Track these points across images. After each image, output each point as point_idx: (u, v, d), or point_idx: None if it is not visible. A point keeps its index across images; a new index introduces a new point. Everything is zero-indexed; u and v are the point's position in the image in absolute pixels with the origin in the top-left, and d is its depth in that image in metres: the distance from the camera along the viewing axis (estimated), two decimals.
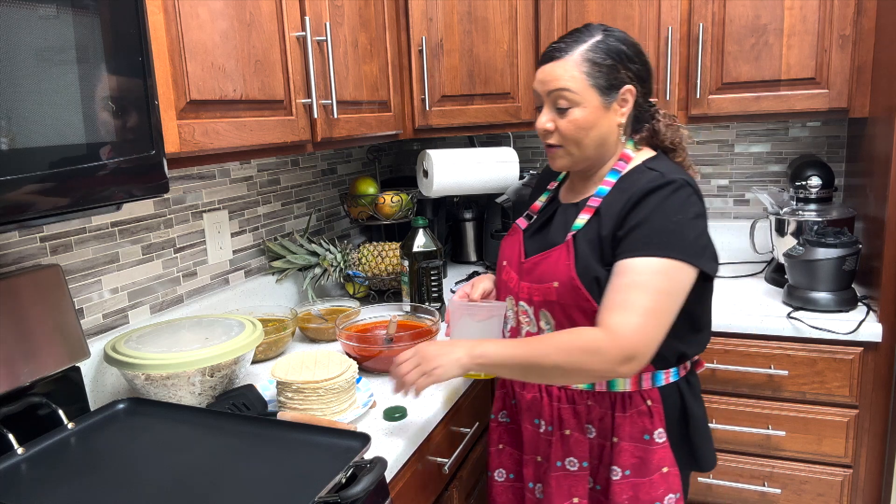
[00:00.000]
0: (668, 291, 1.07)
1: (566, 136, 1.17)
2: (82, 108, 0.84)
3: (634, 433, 1.18)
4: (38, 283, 1.14)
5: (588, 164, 1.22)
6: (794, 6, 1.71)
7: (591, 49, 1.14)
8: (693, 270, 1.09)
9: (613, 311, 1.06)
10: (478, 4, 1.92)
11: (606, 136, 1.18)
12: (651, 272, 1.06)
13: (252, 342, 1.31)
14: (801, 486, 1.71)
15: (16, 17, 0.75)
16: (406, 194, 2.10)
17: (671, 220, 1.08)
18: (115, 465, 0.99)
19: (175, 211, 1.58)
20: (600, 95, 1.14)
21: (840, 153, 2.13)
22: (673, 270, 1.07)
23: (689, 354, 1.21)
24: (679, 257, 1.07)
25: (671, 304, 1.07)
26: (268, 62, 1.30)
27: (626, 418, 1.18)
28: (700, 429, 1.23)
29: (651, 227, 1.08)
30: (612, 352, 1.04)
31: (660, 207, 1.09)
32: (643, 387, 1.18)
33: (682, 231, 1.08)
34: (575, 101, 1.14)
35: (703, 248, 1.10)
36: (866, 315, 1.64)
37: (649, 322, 1.05)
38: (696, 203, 1.11)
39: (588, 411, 1.21)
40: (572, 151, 1.19)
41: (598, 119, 1.16)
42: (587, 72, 1.13)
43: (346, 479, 0.95)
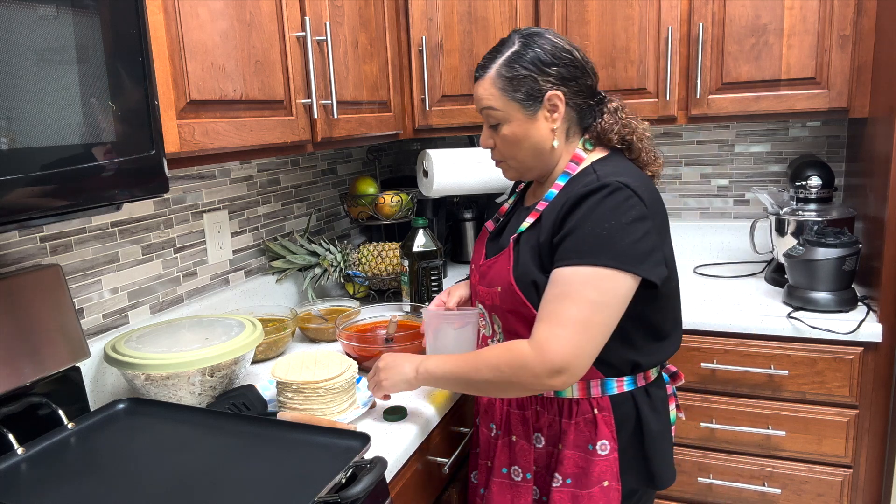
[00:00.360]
0: (599, 302, 1.02)
1: (502, 151, 1.18)
2: (82, 109, 0.84)
3: (579, 441, 1.15)
4: (38, 283, 1.14)
5: (535, 172, 1.21)
6: (795, 6, 1.71)
7: (504, 63, 1.13)
8: (629, 278, 1.03)
9: (542, 322, 1.04)
10: (478, 4, 1.92)
11: (540, 145, 1.15)
12: (580, 282, 1.02)
13: (252, 342, 1.31)
14: (801, 486, 1.71)
15: (16, 17, 0.75)
16: (406, 194, 2.10)
17: (602, 226, 1.03)
18: (115, 465, 0.99)
19: (175, 211, 1.58)
20: (522, 108, 1.13)
21: (840, 153, 2.13)
22: (603, 280, 1.02)
23: (644, 364, 1.15)
24: (610, 265, 1.02)
25: (604, 315, 1.03)
26: (268, 62, 1.30)
27: (571, 425, 1.15)
28: (656, 444, 1.17)
29: (582, 234, 1.04)
30: (538, 366, 1.02)
31: (592, 213, 1.04)
32: (592, 394, 1.15)
33: (614, 237, 1.03)
34: (499, 117, 1.15)
35: (643, 254, 1.04)
36: (866, 315, 1.64)
37: (578, 335, 1.01)
38: (635, 206, 1.05)
39: (536, 417, 1.20)
40: (512, 165, 1.20)
41: (526, 131, 1.14)
42: (502, 87, 1.13)
43: (346, 480, 0.95)
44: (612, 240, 1.02)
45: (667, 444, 1.20)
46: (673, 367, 1.30)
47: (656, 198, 1.11)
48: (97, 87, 0.86)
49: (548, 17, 1.92)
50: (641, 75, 1.85)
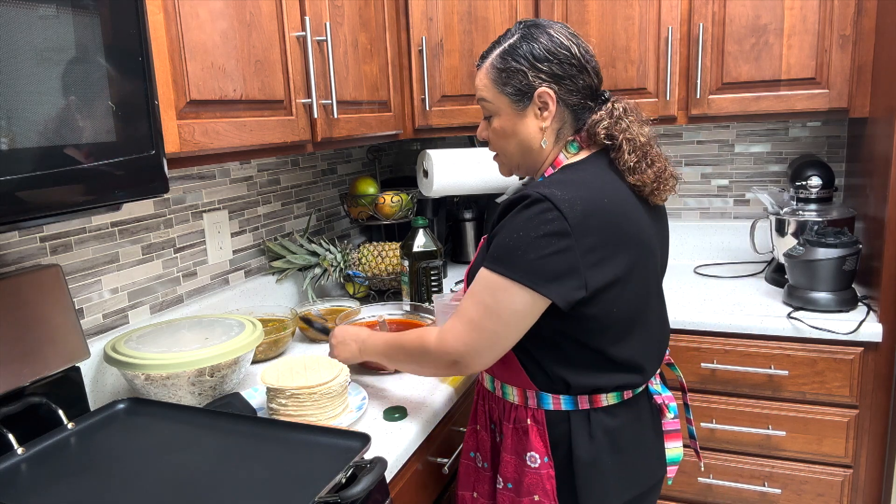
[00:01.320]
0: (491, 308, 1.02)
1: (492, 144, 1.18)
2: (82, 109, 0.84)
3: (516, 448, 1.14)
4: (38, 283, 1.14)
5: (523, 170, 1.19)
6: (795, 6, 1.71)
7: (499, 55, 1.11)
8: (525, 293, 0.99)
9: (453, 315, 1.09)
10: (478, 4, 1.92)
11: (528, 142, 1.12)
12: (482, 284, 1.04)
13: (252, 342, 1.31)
14: (801, 486, 1.71)
15: (16, 17, 0.75)
16: (406, 194, 2.10)
17: (511, 236, 1.01)
18: (115, 465, 0.99)
19: (175, 211, 1.58)
20: (511, 103, 1.11)
21: (840, 153, 2.13)
22: (498, 289, 1.01)
23: (573, 385, 1.08)
24: (507, 275, 1.00)
25: (493, 323, 1.02)
26: (268, 62, 1.30)
27: (509, 429, 1.15)
28: (585, 473, 1.08)
29: (496, 240, 1.04)
30: (436, 355, 1.09)
31: (510, 222, 1.03)
32: (528, 404, 1.12)
33: (518, 249, 0.99)
34: (491, 109, 1.14)
35: (548, 272, 0.98)
36: (866, 315, 1.64)
37: (470, 332, 1.05)
38: (552, 221, 0.98)
39: (491, 411, 1.22)
40: (502, 160, 1.19)
41: (514, 126, 1.12)
42: (494, 79, 1.11)
43: (346, 480, 0.95)
44: (514, 252, 1.00)
45: (602, 477, 1.09)
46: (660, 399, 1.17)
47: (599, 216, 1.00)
48: (97, 87, 0.86)
49: (547, 17, 1.92)
50: (641, 75, 1.85)
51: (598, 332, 1.06)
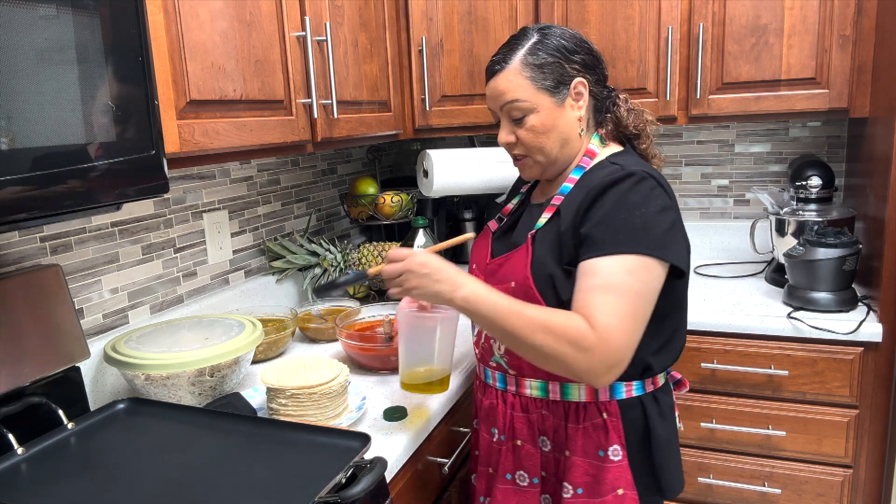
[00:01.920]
0: (643, 292, 1.00)
1: (528, 145, 1.14)
2: (82, 108, 0.84)
3: (588, 448, 1.11)
4: (38, 284, 1.14)
5: (558, 166, 1.18)
6: (795, 6, 1.71)
7: (529, 52, 1.11)
8: (663, 267, 1.02)
9: (595, 310, 0.98)
10: (478, 4, 1.92)
11: (568, 133, 1.14)
12: (623, 272, 0.99)
13: (252, 342, 1.31)
14: (801, 486, 1.71)
15: (16, 17, 0.75)
16: (406, 194, 2.09)
17: (634, 213, 1.02)
18: (114, 465, 0.99)
19: (175, 211, 1.58)
20: (551, 96, 1.11)
21: (840, 153, 2.13)
22: (643, 268, 1.00)
23: (654, 367, 1.12)
24: (648, 252, 1.00)
25: (646, 307, 1.01)
26: (268, 62, 1.30)
27: (578, 430, 1.12)
28: (664, 451, 1.13)
29: (614, 222, 1.02)
30: (599, 355, 0.96)
31: (621, 201, 1.03)
32: (600, 398, 1.12)
33: (648, 224, 1.01)
34: (527, 108, 1.12)
35: (673, 242, 1.03)
36: (866, 315, 1.64)
37: (630, 327, 0.98)
38: (661, 195, 1.04)
39: (542, 421, 1.16)
40: (538, 159, 1.16)
41: (555, 120, 1.12)
42: (531, 76, 1.11)
43: (345, 480, 0.95)
44: (646, 228, 1.01)
45: (675, 452, 1.17)
46: (678, 374, 1.27)
47: (672, 190, 1.10)
48: (97, 87, 0.86)
49: (548, 17, 1.92)
50: (641, 75, 1.85)
51: (678, 304, 1.12)
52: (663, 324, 1.11)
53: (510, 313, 1.00)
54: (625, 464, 1.10)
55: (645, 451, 1.13)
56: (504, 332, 1.01)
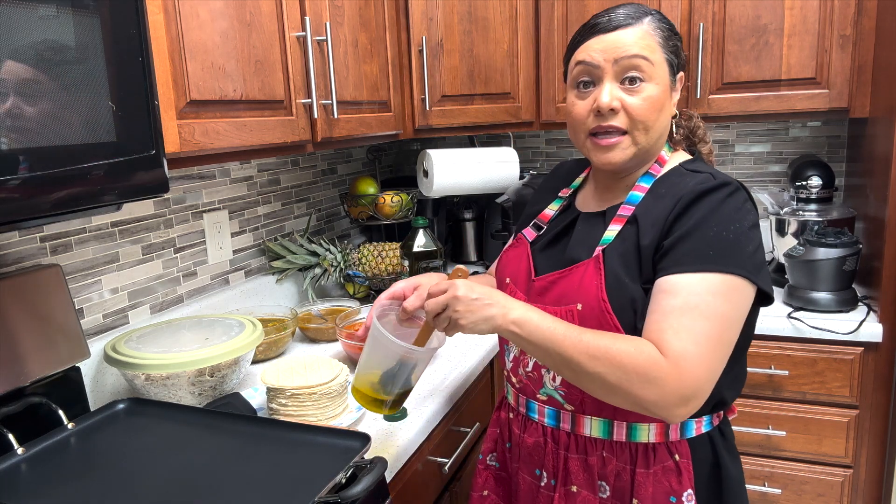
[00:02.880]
0: (730, 316, 0.88)
1: (637, 116, 0.96)
2: (82, 109, 0.84)
3: (658, 495, 0.97)
4: (38, 283, 1.14)
5: (643, 159, 1.02)
6: (795, 6, 1.71)
7: (660, 20, 0.98)
8: (751, 290, 0.91)
9: (672, 335, 0.86)
10: (478, 4, 1.92)
11: (667, 124, 1.01)
12: (709, 292, 0.87)
13: (252, 342, 1.31)
14: (801, 486, 1.71)
15: (16, 16, 0.75)
16: (406, 194, 2.09)
17: (728, 228, 0.90)
18: (115, 465, 0.99)
19: (175, 211, 1.58)
20: (670, 73, 0.98)
21: (840, 153, 2.13)
22: (733, 290, 0.89)
23: (728, 400, 1.00)
24: (739, 273, 0.88)
25: (733, 333, 0.90)
26: (268, 62, 1.30)
27: (649, 476, 0.97)
28: (734, 491, 1.00)
29: (704, 236, 0.90)
30: (672, 385, 0.84)
31: (714, 214, 0.91)
32: (671, 438, 0.97)
33: (741, 242, 0.90)
34: (651, 73, 0.95)
35: (762, 264, 0.92)
36: (867, 315, 1.64)
37: (713, 355, 0.86)
38: (752, 211, 0.94)
39: (602, 464, 1.00)
40: (639, 140, 0.98)
41: (665, 101, 0.98)
42: (661, 42, 0.97)
43: (346, 480, 0.95)
44: (738, 245, 0.89)
45: (743, 491, 1.04)
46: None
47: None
48: (97, 87, 0.86)
49: (548, 17, 1.92)
50: None
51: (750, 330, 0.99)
52: (738, 353, 0.97)
53: (565, 339, 0.87)
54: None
55: (714, 492, 1.00)
56: (559, 361, 0.89)
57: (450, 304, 0.91)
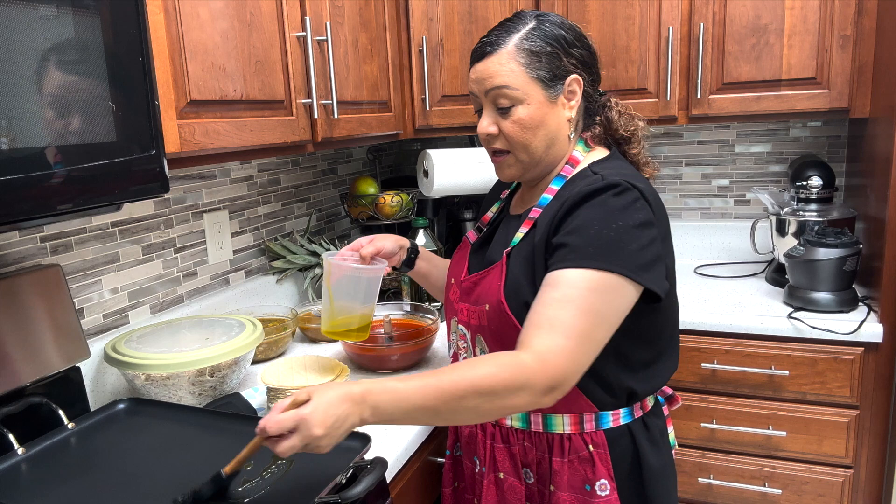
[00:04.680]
0: (603, 314, 0.91)
1: (512, 139, 1.04)
2: (82, 109, 0.84)
3: (574, 482, 1.04)
4: (38, 283, 1.14)
5: (540, 169, 1.08)
6: (795, 6, 1.71)
7: (525, 37, 1.01)
8: (633, 288, 0.93)
9: (541, 329, 0.90)
10: (478, 4, 1.92)
11: (556, 133, 1.05)
12: (587, 288, 0.90)
13: (252, 342, 1.31)
14: (801, 486, 1.71)
15: (16, 16, 0.75)
16: (406, 194, 2.09)
17: (610, 226, 0.93)
18: (115, 465, 0.99)
19: (175, 211, 1.58)
20: (544, 89, 1.01)
21: (841, 153, 2.13)
22: (610, 288, 0.91)
23: (639, 392, 1.04)
24: (618, 271, 0.91)
25: (604, 331, 0.92)
26: (268, 62, 1.30)
27: (564, 464, 1.04)
28: (656, 482, 1.05)
29: (588, 234, 0.93)
30: (538, 380, 0.86)
31: (597, 213, 0.94)
32: (585, 429, 1.04)
33: (622, 240, 0.92)
34: (517, 97, 1.01)
35: (649, 263, 0.94)
36: (867, 315, 1.63)
37: (579, 347, 0.89)
38: (643, 209, 0.95)
39: (524, 453, 1.08)
40: (521, 157, 1.05)
41: (544, 116, 1.02)
42: (525, 63, 1.00)
43: (346, 480, 0.95)
44: (620, 243, 0.92)
45: (669, 480, 1.08)
46: (668, 390, 1.20)
47: (661, 204, 1.01)
48: (97, 87, 0.86)
49: None
50: (642, 75, 1.85)
51: (663, 325, 1.03)
52: (648, 347, 1.03)
53: (424, 399, 0.84)
54: (613, 497, 1.03)
55: (636, 482, 1.05)
56: (432, 417, 0.87)
57: (309, 440, 0.79)
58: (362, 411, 0.83)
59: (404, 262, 1.32)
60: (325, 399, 0.81)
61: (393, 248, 1.27)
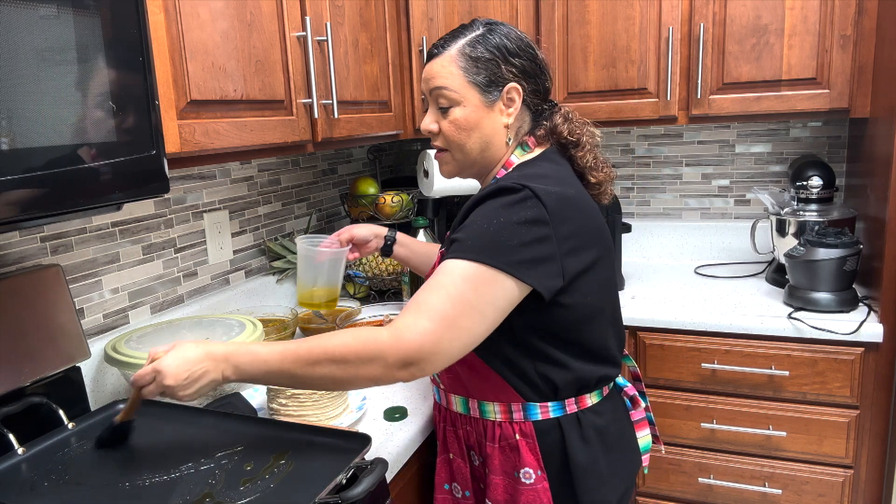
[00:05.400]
0: (472, 304, 0.93)
1: (448, 138, 1.10)
2: (83, 108, 0.84)
3: (505, 467, 1.09)
4: (38, 283, 1.14)
5: (475, 169, 1.14)
6: (795, 6, 1.71)
7: (468, 44, 1.07)
8: (510, 283, 0.94)
9: (408, 310, 0.94)
10: (478, 4, 1.92)
11: (490, 138, 1.10)
12: (457, 275, 0.94)
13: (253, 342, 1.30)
14: (801, 486, 1.71)
15: (16, 17, 0.75)
16: (406, 194, 2.09)
17: (490, 222, 0.96)
18: (114, 465, 0.99)
19: (175, 211, 1.58)
20: (480, 93, 1.07)
21: (841, 153, 2.13)
22: (484, 280, 0.93)
23: (561, 387, 1.06)
24: (491, 264, 0.93)
25: (472, 321, 0.93)
26: (268, 62, 1.30)
27: (496, 449, 1.09)
28: (584, 479, 1.06)
29: (470, 229, 0.97)
30: (391, 354, 0.90)
31: (484, 211, 0.98)
32: (514, 418, 1.08)
33: (499, 235, 0.94)
34: (454, 99, 1.07)
35: (531, 260, 0.95)
36: (867, 315, 1.63)
37: (440, 329, 0.91)
38: (532, 208, 0.96)
39: (467, 436, 1.15)
40: (456, 156, 1.12)
41: (479, 119, 1.08)
42: (464, 67, 1.06)
43: (346, 480, 0.95)
44: (496, 237, 0.94)
45: (597, 478, 1.08)
46: (632, 391, 1.20)
47: (572, 205, 1.01)
48: (97, 87, 0.86)
49: (548, 17, 1.92)
50: (642, 75, 1.85)
51: (574, 322, 1.04)
52: (561, 343, 1.04)
53: (282, 362, 0.93)
54: (540, 487, 1.06)
55: (565, 477, 1.07)
56: (290, 381, 0.95)
57: (163, 390, 0.94)
58: (224, 369, 0.94)
59: (382, 250, 1.45)
60: (181, 354, 0.94)
61: (366, 235, 1.41)
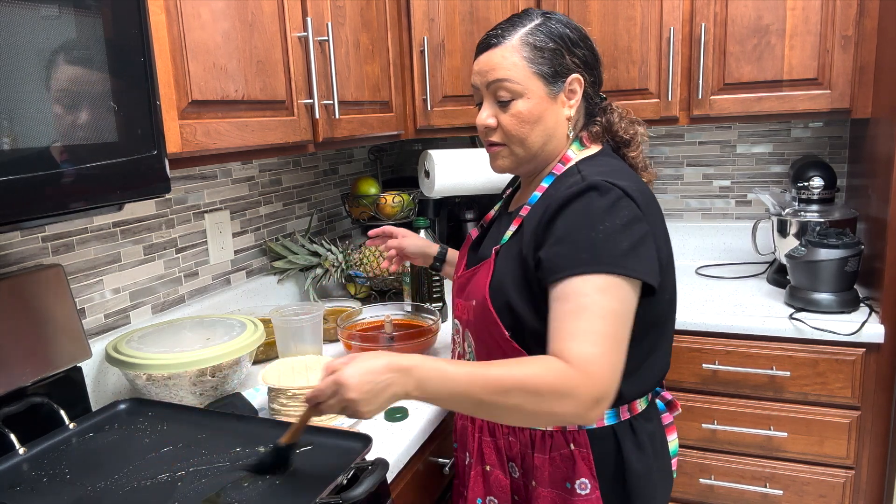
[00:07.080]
0: (620, 312, 0.90)
1: (508, 132, 1.04)
2: (84, 109, 0.84)
3: (555, 479, 1.04)
4: (39, 283, 1.14)
5: (534, 164, 1.09)
6: (797, 7, 1.71)
7: (530, 32, 1.02)
8: (632, 284, 0.92)
9: (573, 341, 0.87)
10: (479, 5, 1.92)
11: (553, 130, 1.05)
12: (596, 292, 0.89)
13: (253, 342, 1.31)
14: (802, 487, 1.71)
15: (18, 17, 0.75)
16: (407, 195, 2.09)
17: (597, 229, 0.92)
18: (115, 465, 0.99)
19: (177, 211, 1.58)
20: (545, 84, 1.02)
21: (842, 154, 2.13)
22: (616, 287, 0.90)
23: (626, 394, 1.01)
24: (616, 272, 0.90)
25: (624, 328, 0.91)
26: (269, 62, 1.30)
27: (545, 461, 1.04)
28: (639, 486, 1.03)
29: (576, 240, 0.92)
30: (585, 392, 0.84)
31: (581, 217, 0.93)
32: (567, 428, 1.03)
33: (612, 241, 0.91)
34: (517, 91, 1.02)
35: (643, 258, 0.93)
36: (868, 316, 1.63)
37: (613, 353, 0.88)
38: (628, 206, 0.94)
39: (509, 447, 1.09)
40: (516, 151, 1.06)
41: (543, 111, 1.03)
42: (528, 57, 1.01)
43: (347, 481, 0.95)
44: (609, 244, 0.91)
45: (655, 487, 1.06)
46: (668, 395, 1.18)
47: (651, 200, 1.00)
48: (99, 87, 0.86)
49: None
50: (643, 76, 1.85)
51: (656, 323, 1.02)
52: (638, 346, 0.98)
53: (471, 385, 0.85)
54: (594, 497, 1.02)
55: (619, 484, 1.03)
56: (474, 407, 0.88)
57: (346, 404, 0.85)
58: (407, 383, 0.86)
59: (431, 266, 1.48)
60: (363, 365, 0.85)
61: (415, 253, 1.45)
